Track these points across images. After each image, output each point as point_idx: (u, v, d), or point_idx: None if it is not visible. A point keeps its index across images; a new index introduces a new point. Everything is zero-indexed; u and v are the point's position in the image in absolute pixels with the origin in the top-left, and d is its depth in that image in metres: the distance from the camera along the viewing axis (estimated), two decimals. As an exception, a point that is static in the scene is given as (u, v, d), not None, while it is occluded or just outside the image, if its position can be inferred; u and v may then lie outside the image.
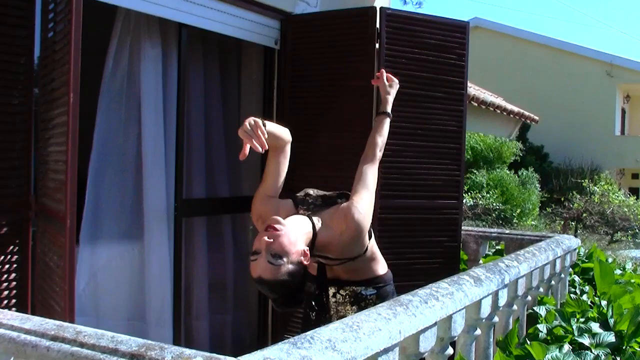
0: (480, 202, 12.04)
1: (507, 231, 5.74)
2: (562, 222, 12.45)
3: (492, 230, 5.64)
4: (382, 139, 2.98)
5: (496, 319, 3.26)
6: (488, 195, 12.43)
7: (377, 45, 4.68)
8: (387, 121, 3.09)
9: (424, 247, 4.89)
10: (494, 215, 11.68)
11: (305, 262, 2.45)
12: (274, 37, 5.03)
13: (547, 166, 19.06)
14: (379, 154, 2.91)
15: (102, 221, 4.38)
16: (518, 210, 12.47)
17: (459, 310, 2.63)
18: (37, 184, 3.51)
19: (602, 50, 21.41)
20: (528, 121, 7.70)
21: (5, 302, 3.34)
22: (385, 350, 2.09)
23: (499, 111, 6.70)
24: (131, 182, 4.43)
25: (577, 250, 4.74)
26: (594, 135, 20.01)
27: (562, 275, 4.57)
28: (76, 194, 2.98)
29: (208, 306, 4.93)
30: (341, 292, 2.82)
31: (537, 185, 15.88)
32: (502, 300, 3.21)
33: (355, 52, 4.72)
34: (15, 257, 3.42)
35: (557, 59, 20.71)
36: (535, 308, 3.91)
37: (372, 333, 2.02)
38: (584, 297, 4.38)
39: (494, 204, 12.08)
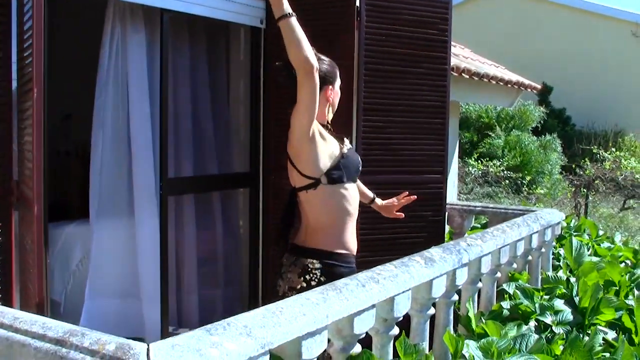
0: (491, 169, 12.02)
1: (492, 205, 5.78)
2: (573, 189, 12.37)
3: (476, 204, 5.67)
4: (297, 42, 2.71)
5: (455, 297, 3.34)
6: (499, 162, 12.37)
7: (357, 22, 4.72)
8: (293, 21, 2.71)
9: (409, 222, 4.93)
10: (505, 182, 11.65)
11: None
12: (259, 17, 5.08)
13: (570, 130, 18.82)
14: (304, 54, 2.73)
15: (102, 199, 4.59)
16: (528, 178, 12.36)
17: (403, 292, 2.71)
18: (19, 171, 3.67)
19: (628, 10, 20.95)
20: (529, 90, 7.66)
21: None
22: (311, 334, 2.20)
23: (494, 82, 6.69)
24: (122, 162, 4.59)
25: (559, 224, 4.76)
26: (619, 98, 19.69)
27: (543, 250, 4.61)
28: (42, 182, 3.13)
29: (197, 281, 5.07)
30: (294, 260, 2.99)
31: (559, 148, 15.68)
32: (461, 279, 3.29)
33: (337, 29, 4.76)
34: (0, 240, 3.59)
35: (581, 20, 20.32)
36: (504, 285, 3.98)
37: (295, 318, 2.13)
38: (560, 273, 4.42)
39: (505, 172, 12.03)
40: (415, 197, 3.33)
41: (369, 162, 4.78)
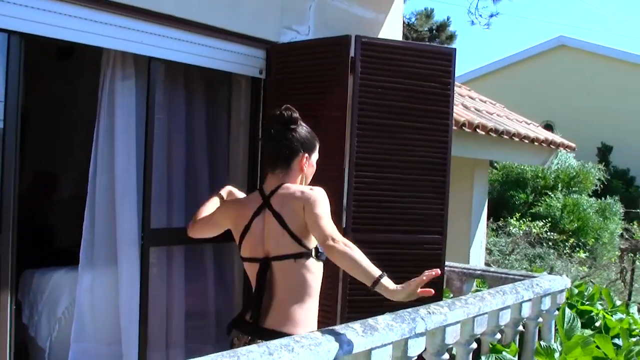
0: (534, 230, 11.54)
1: (492, 269, 5.44)
2: (619, 254, 11.72)
3: (476, 267, 5.35)
4: (356, 255, 2.65)
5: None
6: (541, 224, 11.89)
7: (352, 75, 4.55)
8: (372, 271, 2.64)
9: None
10: (549, 243, 11.14)
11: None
12: (258, 67, 4.98)
13: (634, 191, 18.03)
14: (341, 247, 2.65)
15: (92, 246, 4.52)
16: (571, 241, 11.82)
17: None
18: None
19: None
20: (562, 149, 7.31)
21: None
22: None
23: (526, 141, 6.39)
24: (110, 211, 4.50)
25: (563, 292, 4.39)
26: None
27: (540, 320, 4.26)
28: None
29: (184, 336, 4.91)
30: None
31: (621, 212, 15.00)
32: (416, 349, 3.01)
33: (332, 81, 4.60)
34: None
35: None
36: (483, 357, 3.65)
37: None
38: (557, 344, 4.05)
39: (548, 234, 11.54)
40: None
41: (360, 219, 4.58)
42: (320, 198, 2.82)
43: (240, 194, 3.31)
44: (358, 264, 2.64)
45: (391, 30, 5.80)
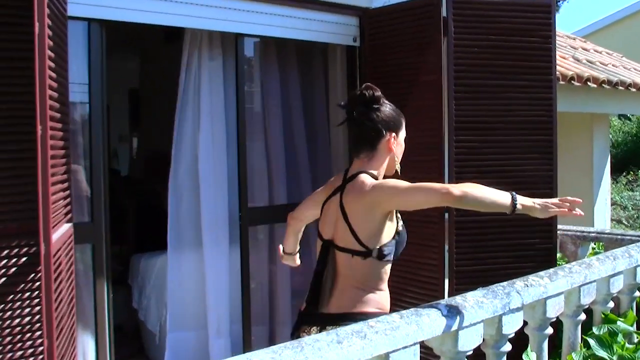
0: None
1: (607, 230, 5.08)
2: None
3: (590, 229, 5.01)
4: (476, 192, 2.44)
5: (507, 347, 2.89)
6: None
7: (446, 36, 4.36)
8: (502, 197, 2.45)
9: (514, 251, 4.48)
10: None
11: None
12: (352, 35, 4.88)
13: None
14: (457, 193, 2.41)
15: (180, 231, 4.58)
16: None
17: (404, 347, 2.36)
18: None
19: None
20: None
21: None
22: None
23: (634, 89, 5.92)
24: (196, 193, 4.54)
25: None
26: None
27: (661, 284, 3.95)
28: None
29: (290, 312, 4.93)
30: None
31: None
32: (512, 326, 2.85)
33: (425, 44, 4.43)
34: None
35: None
36: (594, 328, 3.41)
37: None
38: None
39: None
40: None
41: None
42: (392, 180, 2.68)
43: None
44: (485, 200, 2.45)
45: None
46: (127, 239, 6.54)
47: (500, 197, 2.44)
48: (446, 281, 4.43)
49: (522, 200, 2.45)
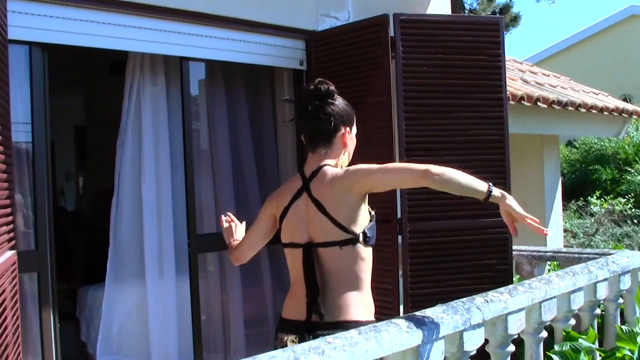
0: (617, 207, 10.89)
1: (564, 250, 5.04)
2: None
3: (546, 248, 4.97)
4: (455, 173, 2.42)
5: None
6: (624, 200, 11.21)
7: (394, 56, 4.30)
8: (479, 183, 2.42)
9: (469, 272, 4.38)
10: (634, 221, 10.50)
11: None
12: (298, 58, 4.78)
13: None
14: (437, 171, 2.40)
15: (121, 261, 4.40)
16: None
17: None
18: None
19: None
20: (634, 116, 6.82)
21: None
22: None
23: (594, 111, 5.96)
24: (140, 222, 4.37)
25: (644, 269, 4.01)
26: None
27: (621, 301, 3.89)
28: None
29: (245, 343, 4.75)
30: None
31: None
32: (471, 343, 2.73)
33: (373, 65, 4.36)
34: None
35: None
36: (556, 346, 3.31)
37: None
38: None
39: (631, 210, 10.86)
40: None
41: (416, 207, 4.32)
42: (362, 164, 2.62)
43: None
44: (463, 182, 2.43)
45: (439, 8, 5.50)
46: (76, 275, 6.34)
47: (477, 182, 2.44)
48: (401, 306, 4.31)
49: (496, 191, 2.43)
